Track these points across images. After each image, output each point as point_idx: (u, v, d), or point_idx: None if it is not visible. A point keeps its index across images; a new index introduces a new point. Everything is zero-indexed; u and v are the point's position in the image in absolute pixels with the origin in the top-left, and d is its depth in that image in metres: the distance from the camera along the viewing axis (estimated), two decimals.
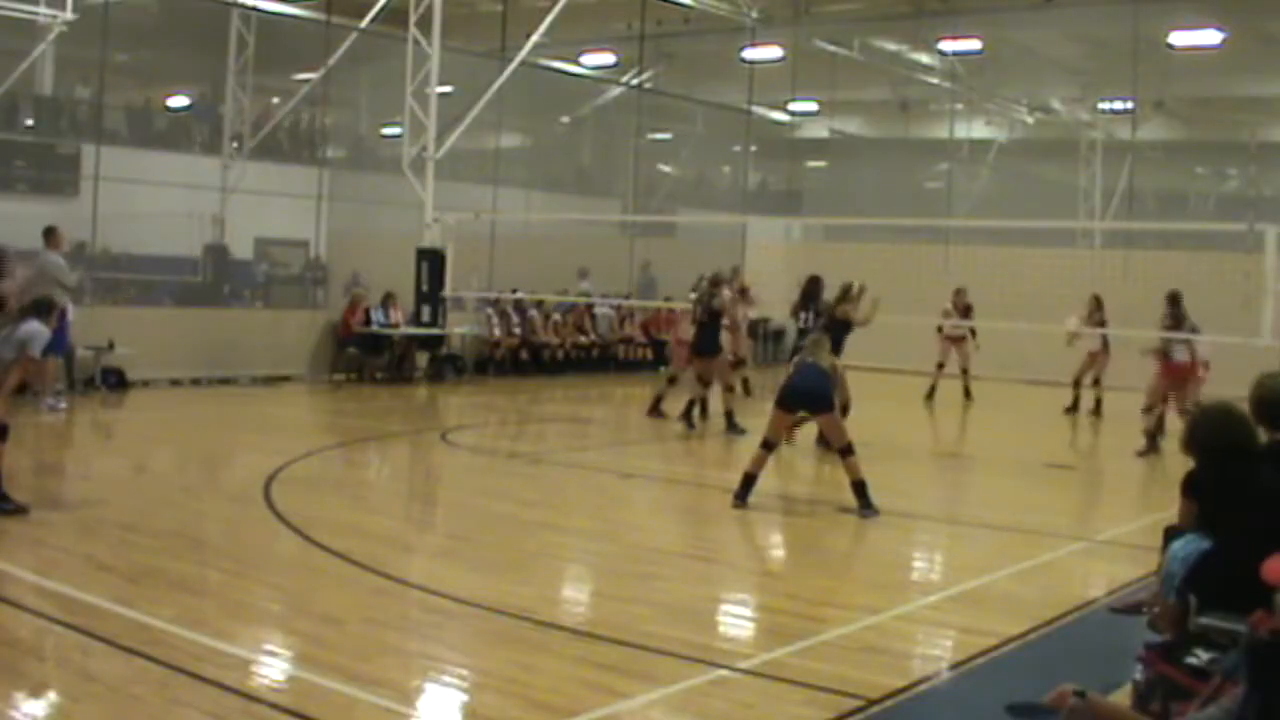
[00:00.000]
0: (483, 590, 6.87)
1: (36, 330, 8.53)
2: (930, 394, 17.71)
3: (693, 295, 15.45)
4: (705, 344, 14.21)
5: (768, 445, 9.77)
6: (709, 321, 14.17)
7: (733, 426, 13.89)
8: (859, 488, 9.54)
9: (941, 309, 17.36)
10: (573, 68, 28.02)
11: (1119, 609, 6.53)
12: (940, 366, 17.94)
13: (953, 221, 24.28)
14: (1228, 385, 7.17)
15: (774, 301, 19.61)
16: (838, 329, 11.97)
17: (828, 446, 10.91)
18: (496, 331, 20.63)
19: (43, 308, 8.81)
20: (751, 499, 9.62)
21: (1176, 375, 13.55)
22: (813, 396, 9.77)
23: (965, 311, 17.30)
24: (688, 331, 14.90)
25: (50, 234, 14.09)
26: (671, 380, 15.14)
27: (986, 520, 10.32)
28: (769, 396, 10.66)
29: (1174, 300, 13.64)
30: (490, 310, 20.78)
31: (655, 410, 14.98)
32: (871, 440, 14.05)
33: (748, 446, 13.52)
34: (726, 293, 14.44)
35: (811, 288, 13.81)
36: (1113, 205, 25.42)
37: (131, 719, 4.85)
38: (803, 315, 13.63)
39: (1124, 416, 16.16)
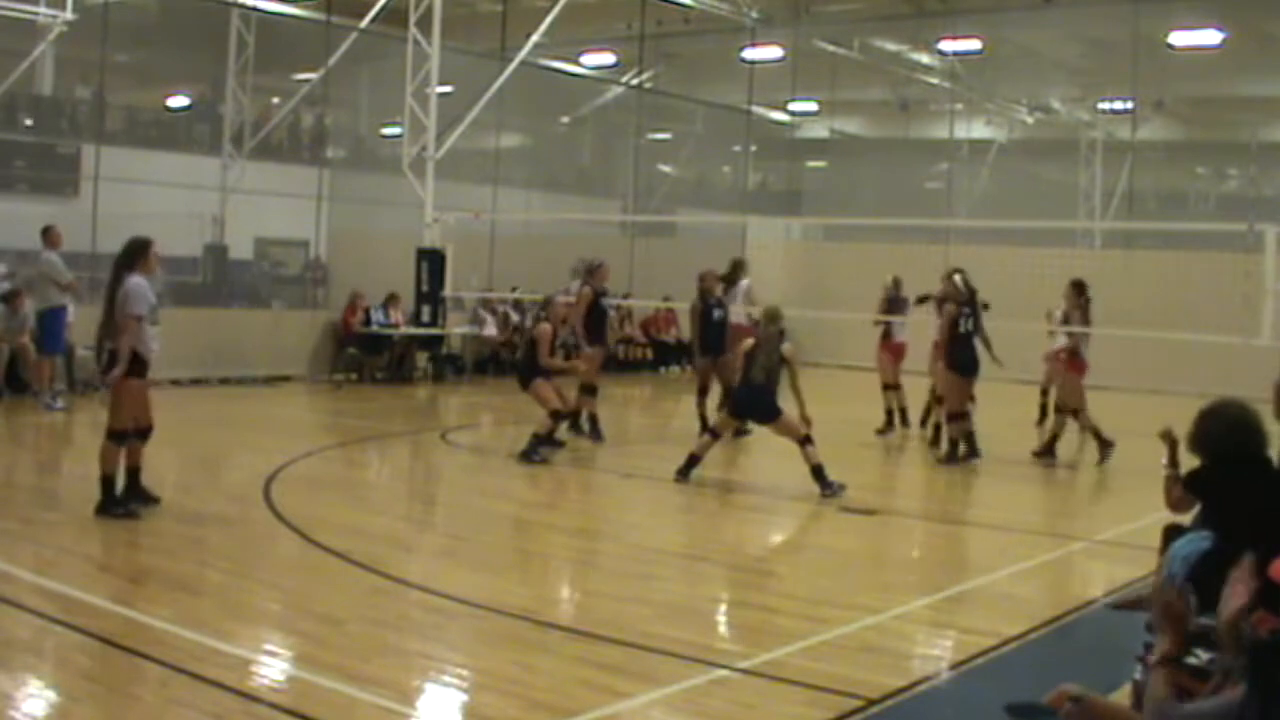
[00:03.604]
0: (483, 590, 6.86)
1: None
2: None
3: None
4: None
5: (713, 434, 10.77)
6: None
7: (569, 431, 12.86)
8: (817, 471, 10.01)
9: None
10: (573, 68, 28.03)
11: (1119, 605, 6.54)
12: None
13: (953, 221, 24.28)
14: (1229, 385, 7.16)
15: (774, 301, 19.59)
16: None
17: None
18: (495, 330, 20.61)
19: None
20: (751, 499, 9.64)
21: (1082, 370, 13.13)
22: (756, 409, 10.51)
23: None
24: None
25: (47, 233, 14.10)
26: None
27: (986, 520, 10.33)
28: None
29: (1080, 289, 13.04)
30: (488, 310, 20.76)
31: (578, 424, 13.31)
32: (871, 440, 14.11)
33: (749, 447, 13.53)
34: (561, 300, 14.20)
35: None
36: (1113, 205, 25.43)
37: (131, 719, 4.85)
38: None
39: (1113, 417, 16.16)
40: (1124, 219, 24.61)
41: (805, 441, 10.14)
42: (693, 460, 10.57)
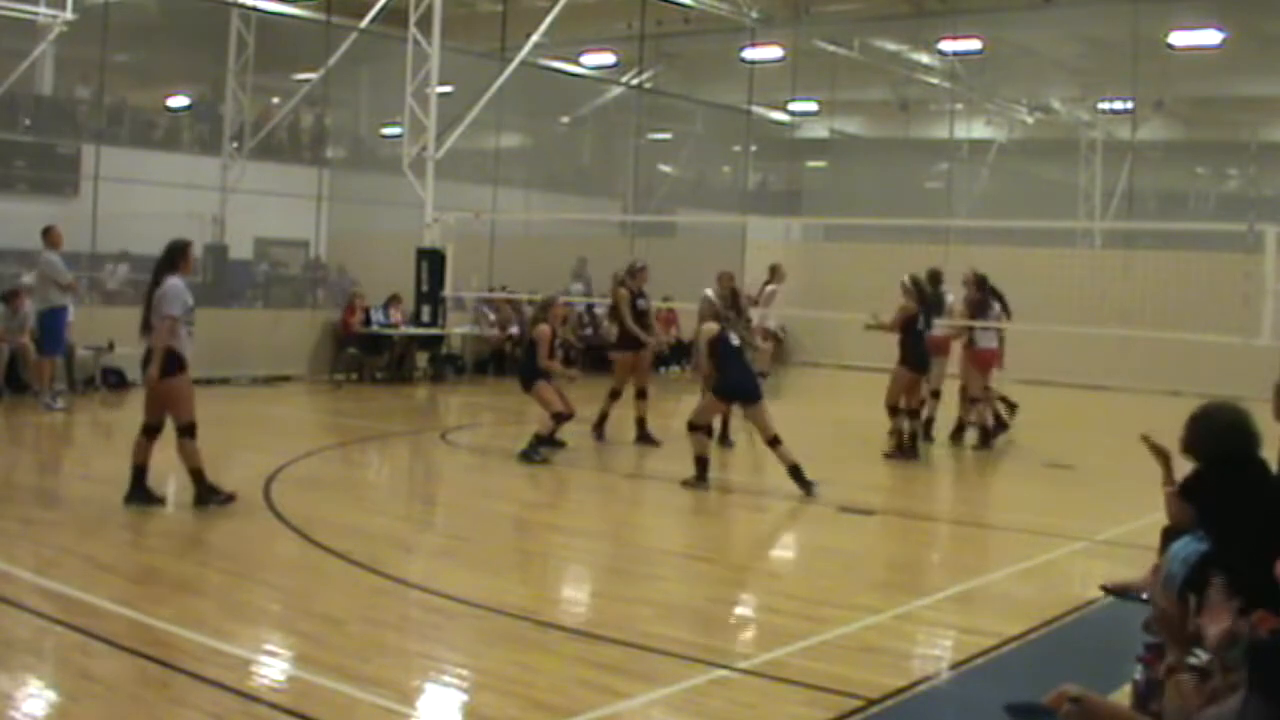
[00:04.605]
0: (483, 590, 6.86)
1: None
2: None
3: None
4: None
5: (707, 432, 10.71)
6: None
7: (600, 432, 13.08)
8: (795, 471, 9.96)
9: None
10: (573, 68, 28.02)
11: (1110, 589, 6.62)
12: None
13: (953, 221, 24.29)
14: (1229, 385, 7.16)
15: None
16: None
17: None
18: (495, 330, 20.60)
19: None
20: (750, 499, 9.63)
21: (980, 362, 13.40)
22: (749, 391, 10.40)
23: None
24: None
25: (48, 233, 14.10)
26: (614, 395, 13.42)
27: (987, 520, 10.33)
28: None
29: (980, 284, 13.42)
30: (489, 310, 20.76)
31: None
32: (873, 439, 14.10)
33: (747, 447, 13.52)
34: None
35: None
36: (1113, 205, 25.43)
37: (131, 719, 4.85)
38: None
39: (1113, 417, 16.18)
40: (1124, 219, 24.62)
41: (775, 442, 10.08)
42: (702, 464, 10.39)
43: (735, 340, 10.50)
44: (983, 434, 13.31)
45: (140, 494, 8.60)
